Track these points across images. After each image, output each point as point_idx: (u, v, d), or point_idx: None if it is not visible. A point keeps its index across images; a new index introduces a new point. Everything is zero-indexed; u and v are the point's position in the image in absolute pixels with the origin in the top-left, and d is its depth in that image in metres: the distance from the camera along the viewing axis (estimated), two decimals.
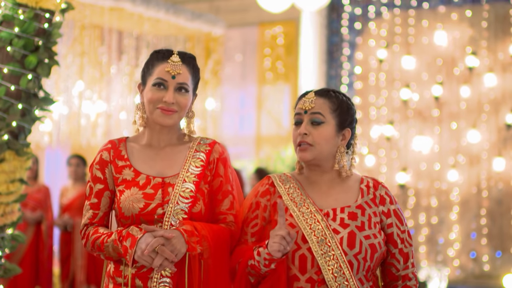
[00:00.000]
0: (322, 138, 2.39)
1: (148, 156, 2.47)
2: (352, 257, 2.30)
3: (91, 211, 2.47)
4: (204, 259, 2.33)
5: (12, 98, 3.54)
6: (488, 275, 8.10)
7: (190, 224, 2.33)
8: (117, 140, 2.53)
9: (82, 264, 6.83)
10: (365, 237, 2.32)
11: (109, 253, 2.38)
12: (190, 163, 2.44)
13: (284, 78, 9.53)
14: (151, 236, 2.26)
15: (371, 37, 8.76)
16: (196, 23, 8.60)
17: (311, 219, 2.34)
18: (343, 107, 2.44)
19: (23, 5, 3.52)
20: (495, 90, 8.18)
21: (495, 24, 8.23)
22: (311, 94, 2.44)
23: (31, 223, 6.60)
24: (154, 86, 2.41)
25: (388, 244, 2.40)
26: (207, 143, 2.50)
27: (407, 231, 2.44)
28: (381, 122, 8.67)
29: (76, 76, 8.42)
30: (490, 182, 8.18)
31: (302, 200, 2.40)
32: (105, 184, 2.46)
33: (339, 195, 2.42)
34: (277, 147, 9.05)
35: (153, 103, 2.41)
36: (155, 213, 2.36)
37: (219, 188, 2.46)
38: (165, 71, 2.41)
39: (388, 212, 2.42)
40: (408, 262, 2.43)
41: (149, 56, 2.49)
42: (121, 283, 2.37)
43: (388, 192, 2.45)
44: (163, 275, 2.32)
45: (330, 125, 2.40)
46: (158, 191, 2.39)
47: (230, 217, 2.45)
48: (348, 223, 2.33)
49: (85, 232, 2.47)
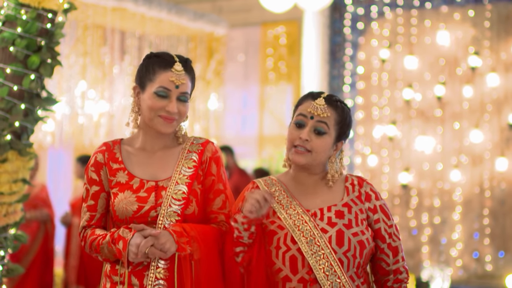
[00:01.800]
0: (321, 147, 2.41)
1: (142, 160, 2.47)
2: (342, 255, 2.33)
3: (88, 213, 2.49)
4: (195, 260, 2.34)
5: (14, 98, 3.54)
6: (491, 275, 8.09)
7: (179, 226, 2.34)
8: (111, 142, 2.53)
9: (74, 265, 6.84)
10: (353, 235, 2.35)
11: (105, 254, 2.39)
12: (183, 165, 2.45)
13: (286, 78, 9.52)
14: (139, 237, 2.28)
15: (374, 37, 8.76)
16: (198, 23, 8.60)
17: (299, 220, 2.37)
18: (346, 121, 2.46)
19: (25, 5, 3.52)
20: (498, 90, 8.17)
21: (497, 24, 8.22)
22: (322, 100, 2.43)
23: (41, 221, 6.57)
24: (157, 94, 2.40)
25: (376, 239, 2.43)
26: (200, 143, 2.50)
27: (394, 226, 2.46)
28: (383, 122, 8.66)
29: (79, 76, 8.42)
30: (492, 182, 8.17)
31: (288, 202, 2.42)
32: (101, 186, 2.47)
33: (325, 195, 2.44)
34: (280, 147, 9.05)
35: (154, 111, 2.41)
36: (148, 216, 2.38)
37: (211, 187, 2.47)
38: (169, 81, 2.40)
39: (375, 208, 2.44)
40: (398, 256, 2.46)
41: (147, 59, 2.47)
42: (117, 281, 2.38)
43: (373, 189, 2.48)
44: (158, 277, 2.34)
45: (330, 137, 2.43)
46: (151, 194, 2.40)
47: (221, 217, 2.46)
48: (336, 222, 2.36)
49: (84, 235, 2.48)
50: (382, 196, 2.50)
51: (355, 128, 8.69)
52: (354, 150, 8.73)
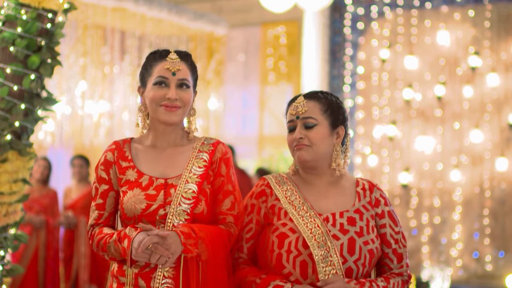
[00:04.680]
0: (317, 138, 2.40)
1: (152, 157, 2.47)
2: (352, 263, 2.31)
3: (96, 211, 2.49)
4: (202, 261, 2.33)
5: (15, 98, 3.54)
6: (491, 275, 8.09)
7: (188, 226, 2.33)
8: (121, 141, 2.54)
9: (85, 264, 6.83)
10: (364, 243, 2.34)
11: (112, 253, 2.39)
12: (193, 164, 2.44)
13: (286, 78, 9.52)
14: (143, 234, 2.26)
15: (374, 37, 8.76)
16: (198, 23, 8.60)
17: (311, 223, 2.34)
18: (333, 107, 2.45)
19: (25, 5, 3.52)
20: (498, 90, 8.17)
21: (498, 24, 8.22)
22: (300, 98, 2.46)
23: (35, 226, 6.59)
24: (156, 85, 2.42)
25: (381, 244, 2.41)
26: (211, 143, 2.50)
27: (401, 232, 2.45)
28: (383, 122, 8.66)
29: (79, 76, 8.42)
30: (493, 182, 8.17)
31: (300, 203, 2.40)
32: (110, 184, 2.47)
33: (336, 198, 2.42)
34: (280, 147, 9.05)
35: (155, 102, 2.42)
36: (157, 214, 2.37)
37: (220, 188, 2.45)
38: (165, 69, 2.42)
39: (382, 213, 2.43)
40: (403, 262, 2.44)
41: (146, 59, 2.50)
42: (124, 282, 2.38)
43: (382, 194, 2.47)
44: (165, 276, 2.33)
45: (323, 126, 2.42)
46: (160, 192, 2.39)
47: (230, 218, 2.44)
48: (348, 229, 2.34)
49: (91, 233, 2.48)
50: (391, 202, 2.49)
51: (355, 128, 8.70)
52: (354, 150, 8.73)
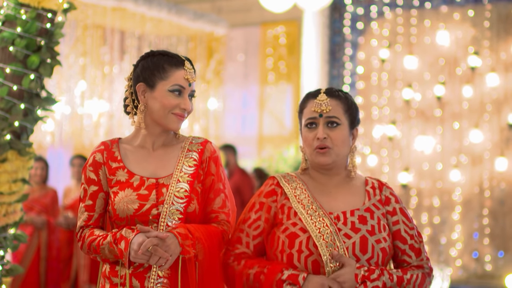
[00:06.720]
0: (339, 140, 2.38)
1: (142, 157, 2.47)
2: (365, 262, 2.29)
3: (86, 213, 2.47)
4: (199, 260, 2.34)
5: (14, 98, 3.54)
6: (491, 275, 8.09)
7: (184, 227, 2.32)
8: (109, 141, 2.52)
9: (85, 264, 6.83)
10: (376, 241, 2.31)
11: (106, 255, 2.37)
12: (183, 163, 2.44)
13: (286, 78, 9.53)
14: (142, 236, 2.25)
15: (373, 37, 8.76)
16: (198, 23, 8.61)
17: (320, 222, 2.32)
18: (352, 107, 2.44)
19: (25, 5, 3.52)
20: (498, 90, 8.18)
21: (497, 24, 8.22)
22: (323, 96, 2.41)
23: (36, 226, 6.58)
24: (172, 92, 2.41)
25: (396, 241, 2.38)
26: (199, 142, 2.50)
27: (415, 228, 2.42)
28: (383, 122, 8.67)
29: (78, 76, 8.43)
30: (492, 182, 8.18)
31: (310, 202, 2.38)
32: (99, 185, 2.45)
33: (346, 197, 2.41)
34: (279, 147, 9.05)
35: (168, 109, 2.41)
36: (149, 214, 2.36)
37: (211, 187, 2.46)
38: (184, 79, 2.42)
39: (394, 210, 2.41)
40: (422, 256, 2.40)
41: (155, 58, 2.45)
42: (117, 283, 2.37)
43: (392, 192, 2.45)
44: (160, 276, 2.33)
45: (344, 126, 2.40)
46: (152, 192, 2.39)
47: (222, 216, 2.45)
48: (359, 228, 2.32)
49: (81, 235, 2.46)
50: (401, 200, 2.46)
51: None
52: None
